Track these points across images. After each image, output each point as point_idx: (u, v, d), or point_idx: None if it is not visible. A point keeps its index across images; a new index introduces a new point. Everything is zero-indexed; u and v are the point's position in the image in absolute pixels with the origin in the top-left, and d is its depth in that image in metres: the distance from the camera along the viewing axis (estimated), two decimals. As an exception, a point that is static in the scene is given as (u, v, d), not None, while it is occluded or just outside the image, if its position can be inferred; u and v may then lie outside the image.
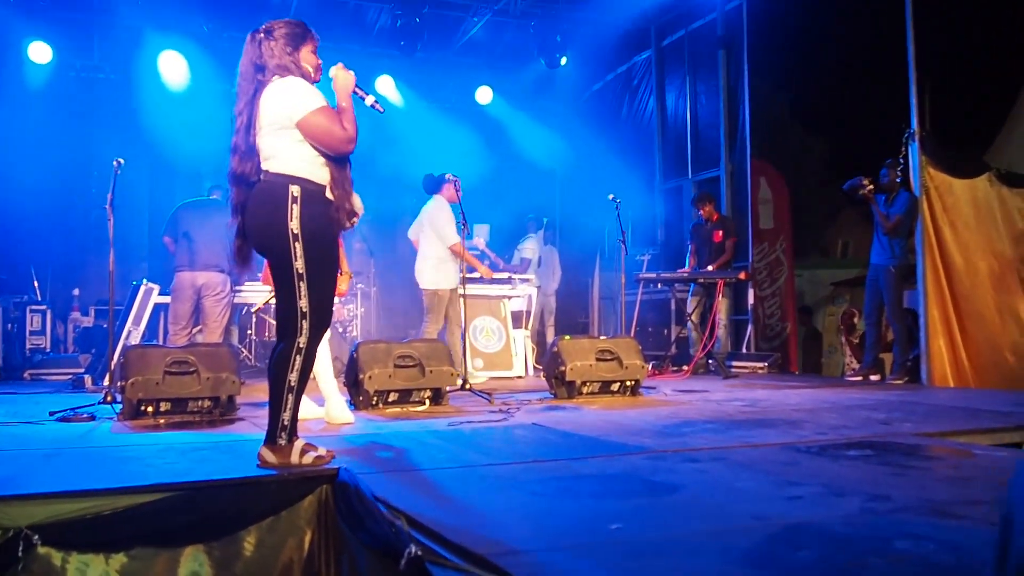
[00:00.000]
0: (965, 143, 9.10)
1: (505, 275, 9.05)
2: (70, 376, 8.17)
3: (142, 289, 7.56)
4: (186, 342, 6.88)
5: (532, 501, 2.65)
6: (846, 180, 7.63)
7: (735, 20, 9.75)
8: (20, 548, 2.64)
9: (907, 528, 2.17)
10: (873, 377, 7.56)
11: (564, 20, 10.66)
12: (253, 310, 4.92)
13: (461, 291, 7.14)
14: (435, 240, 7.34)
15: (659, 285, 9.47)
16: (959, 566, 1.82)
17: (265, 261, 3.79)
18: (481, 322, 8.41)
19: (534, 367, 8.82)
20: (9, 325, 8.77)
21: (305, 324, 3.23)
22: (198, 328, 7.31)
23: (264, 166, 3.33)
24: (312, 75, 3.46)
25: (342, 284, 5.22)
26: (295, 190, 3.26)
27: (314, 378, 4.57)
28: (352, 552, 2.72)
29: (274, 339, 9.28)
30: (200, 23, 10.11)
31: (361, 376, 5.52)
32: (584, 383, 6.08)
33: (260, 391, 6.42)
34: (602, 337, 6.63)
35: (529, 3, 10.27)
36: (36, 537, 2.66)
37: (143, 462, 3.45)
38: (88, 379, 7.42)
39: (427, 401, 5.68)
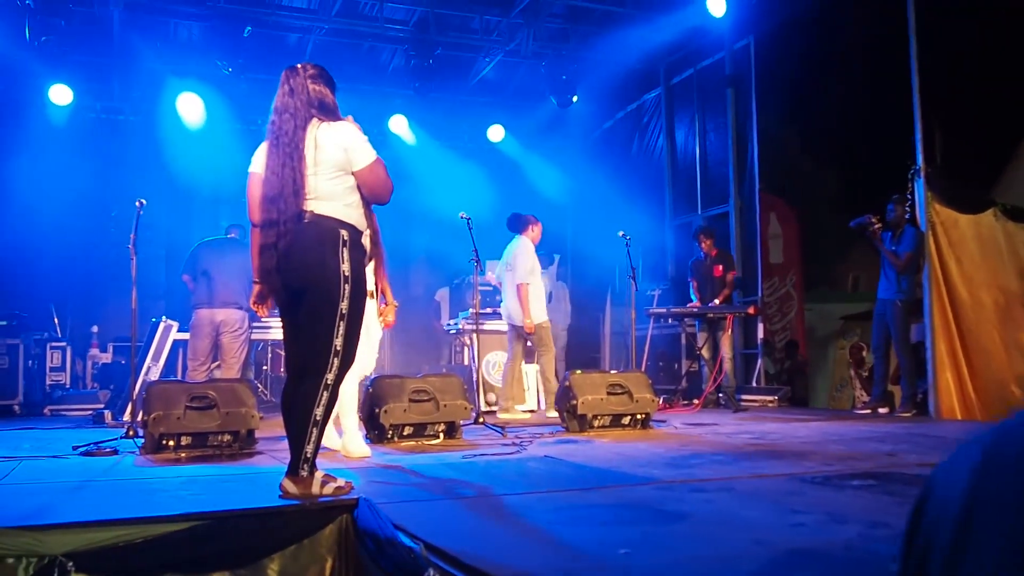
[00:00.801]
0: (973, 179, 9.21)
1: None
2: (90, 412, 8.32)
3: (161, 326, 7.72)
4: (205, 378, 7.03)
5: (545, 529, 2.76)
6: (857, 214, 7.72)
7: (743, 58, 9.94)
8: (55, 575, 2.76)
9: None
10: (882, 410, 7.63)
11: (575, 60, 10.87)
12: None
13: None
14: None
15: (669, 320, 9.57)
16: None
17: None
18: (494, 357, 8.53)
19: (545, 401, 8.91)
20: (30, 362, 8.92)
21: (336, 361, 3.35)
22: (216, 364, 7.46)
23: (310, 206, 3.36)
24: None
25: (389, 315, 5.37)
26: (345, 234, 3.38)
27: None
28: (371, 579, 2.83)
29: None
30: (219, 65, 10.37)
31: (377, 410, 5.65)
32: (595, 416, 6.18)
33: (277, 425, 6.55)
34: (613, 372, 6.74)
35: (540, 44, 10.49)
36: (71, 564, 2.77)
37: (169, 493, 3.57)
38: (108, 414, 7.56)
39: (441, 435, 5.79)
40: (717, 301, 8.54)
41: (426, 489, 3.67)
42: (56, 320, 9.97)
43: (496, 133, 12.31)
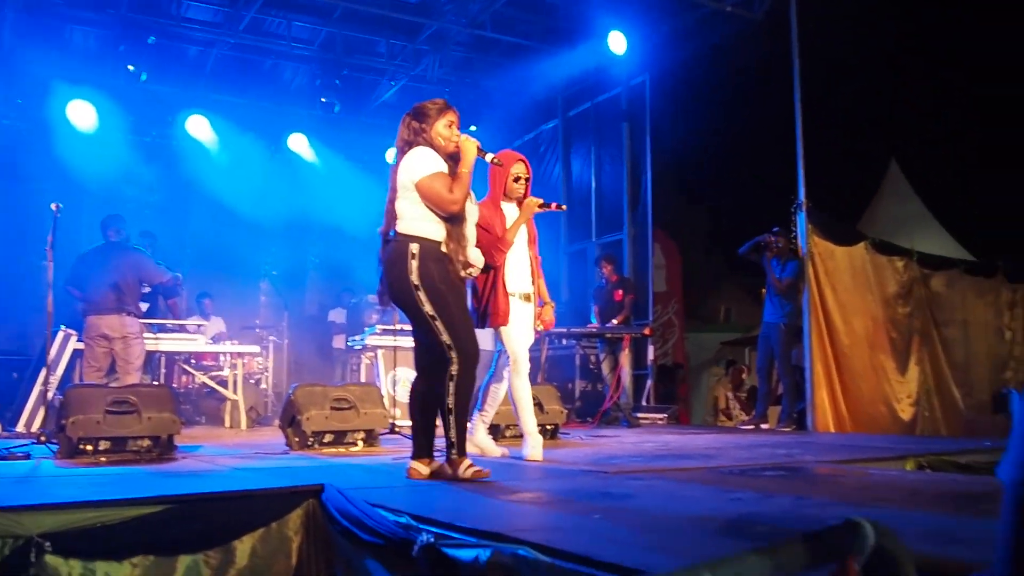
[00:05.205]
0: (840, 213, 10.04)
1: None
2: (-25, 422, 8.00)
3: (59, 335, 7.53)
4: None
5: (510, 506, 3.00)
6: (729, 248, 8.31)
7: (639, 95, 10.49)
8: (32, 554, 2.80)
9: (837, 513, 2.62)
10: (764, 425, 8.20)
11: (477, 88, 11.24)
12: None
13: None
14: None
15: (564, 341, 9.95)
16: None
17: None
18: (402, 373, 8.67)
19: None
20: (-94, 370, 8.51)
21: (454, 354, 3.67)
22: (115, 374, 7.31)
23: (396, 227, 3.80)
24: (445, 146, 3.87)
25: (547, 314, 5.32)
26: (414, 248, 3.75)
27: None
28: (346, 555, 2.99)
29: (183, 388, 9.18)
30: (112, 74, 10.15)
31: (299, 417, 5.73)
32: (507, 426, 6.44)
33: (187, 437, 6.51)
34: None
35: (446, 71, 10.77)
36: (47, 544, 2.83)
37: (121, 484, 3.61)
38: (-2, 424, 7.33)
39: (360, 442, 5.92)
40: (615, 321, 8.97)
41: (377, 481, 3.84)
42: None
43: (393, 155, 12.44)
